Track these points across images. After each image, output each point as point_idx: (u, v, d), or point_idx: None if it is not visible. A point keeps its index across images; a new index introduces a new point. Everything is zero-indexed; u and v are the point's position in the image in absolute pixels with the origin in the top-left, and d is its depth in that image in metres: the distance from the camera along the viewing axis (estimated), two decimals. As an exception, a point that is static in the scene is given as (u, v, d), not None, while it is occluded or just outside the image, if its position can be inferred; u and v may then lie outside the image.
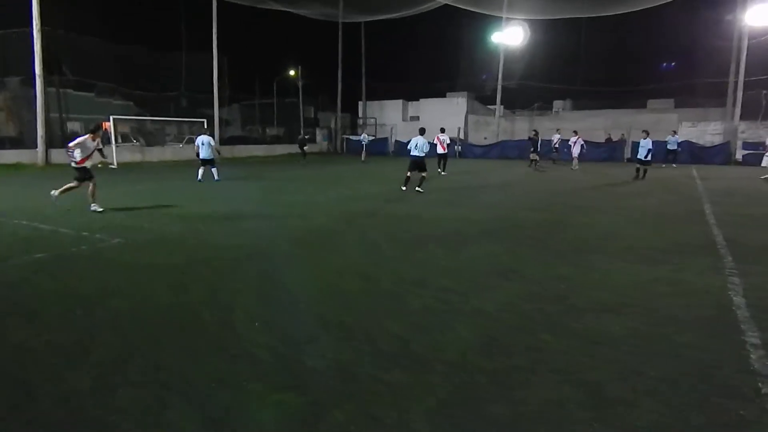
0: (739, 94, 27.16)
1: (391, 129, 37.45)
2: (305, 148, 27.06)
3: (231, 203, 10.82)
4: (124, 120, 29.00)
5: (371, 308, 4.31)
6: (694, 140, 27.92)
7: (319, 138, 41.46)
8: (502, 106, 38.03)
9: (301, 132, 31.76)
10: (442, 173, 17.83)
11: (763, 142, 22.15)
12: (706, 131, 28.68)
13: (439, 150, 17.75)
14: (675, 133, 25.83)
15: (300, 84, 42.18)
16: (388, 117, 40.96)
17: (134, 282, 5.11)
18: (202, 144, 15.21)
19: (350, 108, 44.19)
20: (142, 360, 3.39)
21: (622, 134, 29.05)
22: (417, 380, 3.09)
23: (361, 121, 43.35)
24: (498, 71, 34.40)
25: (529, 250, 6.45)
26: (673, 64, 44.59)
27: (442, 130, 18.30)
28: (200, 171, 15.34)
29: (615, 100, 38.50)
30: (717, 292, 4.73)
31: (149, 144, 28.67)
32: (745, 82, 27.01)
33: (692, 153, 26.86)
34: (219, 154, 15.00)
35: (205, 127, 24.16)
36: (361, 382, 3.08)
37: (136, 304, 4.46)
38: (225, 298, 4.60)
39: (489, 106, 41.50)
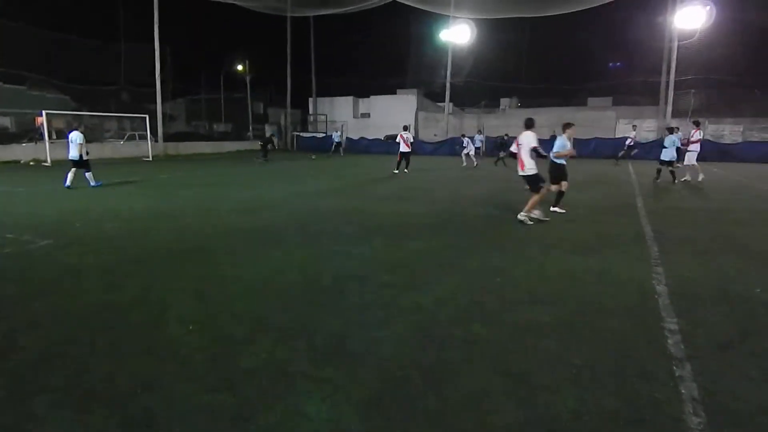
0: (671, 93, 28.69)
1: (342, 126, 37.29)
2: (268, 146, 25.27)
3: (173, 201, 10.48)
4: (59, 115, 27.50)
5: (309, 305, 4.28)
6: (630, 136, 29.27)
7: (268, 134, 40.78)
8: (451, 104, 38.53)
9: (251, 128, 30.34)
10: (405, 171, 17.63)
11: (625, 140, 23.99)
12: (641, 128, 30.14)
13: (403, 148, 17.60)
14: (634, 128, 26.63)
15: (248, 79, 41.34)
16: (339, 113, 40.80)
17: (61, 283, 4.86)
18: (71, 142, 12.46)
19: (301, 104, 43.69)
20: (63, 364, 3.23)
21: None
22: (350, 377, 3.09)
23: (311, 118, 42.95)
24: (446, 69, 34.84)
25: (470, 244, 6.58)
26: (619, 63, 46.19)
27: (405, 128, 18.18)
28: (69, 175, 12.37)
29: (558, 98, 39.91)
30: (642, 281, 4.98)
31: (87, 141, 27.27)
32: (675, 82, 28.58)
33: (624, 147, 28.15)
34: (87, 154, 12.54)
35: (147, 124, 23.24)
36: (293, 380, 3.05)
37: (61, 305, 4.24)
38: (157, 297, 4.45)
39: (438, 104, 42.00)
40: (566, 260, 5.76)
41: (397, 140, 17.92)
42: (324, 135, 38.78)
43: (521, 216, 8.04)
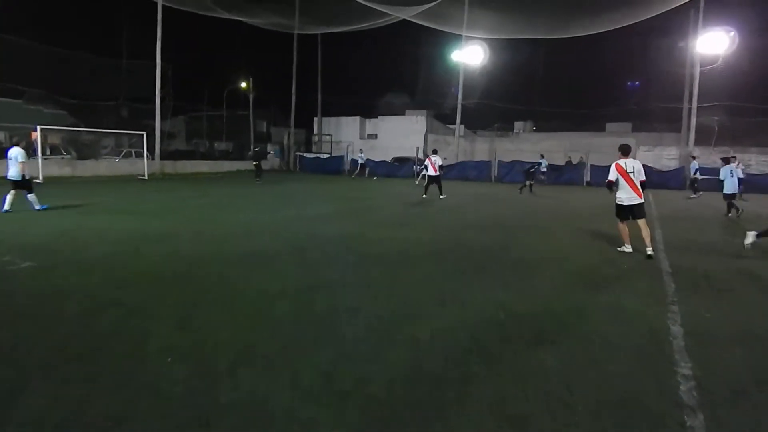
0: (693, 120, 28.76)
1: (348, 147, 37.62)
2: (261, 163, 25.65)
3: (166, 221, 10.54)
4: (55, 130, 27.98)
5: (299, 336, 4.24)
6: (650, 164, 29.25)
7: (270, 154, 41.18)
8: (462, 126, 38.86)
9: (252, 146, 29.89)
10: (441, 196, 17.68)
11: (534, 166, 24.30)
12: (663, 156, 30.19)
13: (430, 171, 17.75)
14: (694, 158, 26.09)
15: (251, 96, 41.98)
16: (345, 134, 41.27)
17: (39, 308, 4.86)
18: (10, 159, 11.55)
19: (305, 123, 44.29)
20: (33, 395, 3.20)
21: (581, 157, 30.15)
22: (334, 415, 3.04)
23: (316, 138, 43.41)
24: (458, 90, 35.19)
25: (472, 274, 6.54)
26: (637, 83, 46.52)
27: (435, 152, 18.55)
28: (8, 197, 11.47)
29: (574, 122, 40.14)
30: (655, 320, 4.90)
31: (82, 157, 27.68)
32: (698, 108, 28.68)
33: (648, 177, 28.14)
34: (30, 178, 11.83)
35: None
36: (274, 418, 3.00)
37: (36, 331, 4.23)
38: (140, 325, 4.43)
39: (449, 126, 42.39)
40: (575, 295, 5.70)
41: (426, 164, 18.35)
42: (328, 156, 39.13)
43: (650, 251, 7.91)
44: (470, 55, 34.55)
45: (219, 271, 6.41)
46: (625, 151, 8.27)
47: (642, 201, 8.16)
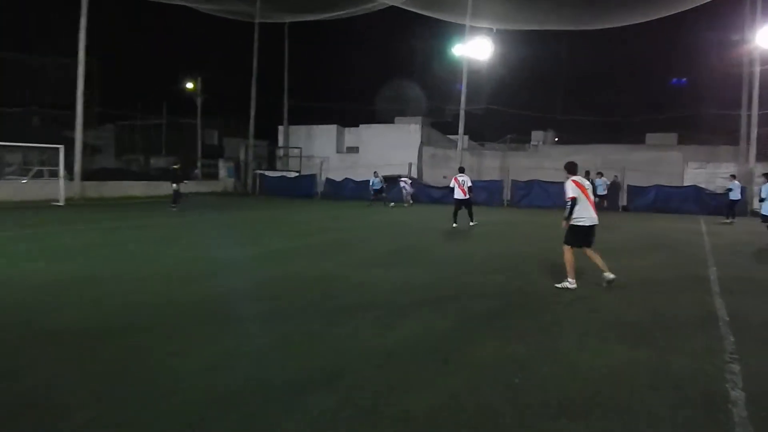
0: (754, 130, 29.38)
1: (321, 163, 37.87)
2: (174, 186, 23.73)
3: (88, 263, 10.48)
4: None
5: (260, 413, 4.21)
6: (702, 185, 29.79)
7: (222, 172, 41.22)
8: (466, 137, 39.24)
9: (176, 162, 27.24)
10: (471, 223, 18.49)
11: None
12: (717, 174, 30.70)
13: (458, 194, 18.58)
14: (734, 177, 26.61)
15: (200, 100, 42.20)
16: (318, 147, 41.52)
17: None
18: None
19: (268, 134, 44.58)
20: None
21: (615, 176, 30.64)
22: None
23: (281, 152, 43.59)
24: (460, 93, 35.63)
25: (482, 327, 6.57)
26: (684, 80, 47.30)
27: (462, 171, 19.32)
28: None
29: (605, 133, 40.85)
30: (710, 385, 4.95)
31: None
32: (759, 116, 29.29)
33: (700, 201, 28.56)
34: None
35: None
36: None
37: None
38: (56, 397, 4.37)
39: (450, 137, 42.85)
40: (609, 352, 5.74)
41: (451, 185, 19.01)
42: (297, 174, 39.28)
43: (611, 275, 9.00)
44: (476, 49, 35.13)
45: (159, 325, 6.35)
46: (571, 170, 9.16)
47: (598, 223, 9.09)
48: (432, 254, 12.65)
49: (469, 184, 18.91)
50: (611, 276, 8.96)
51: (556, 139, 48.16)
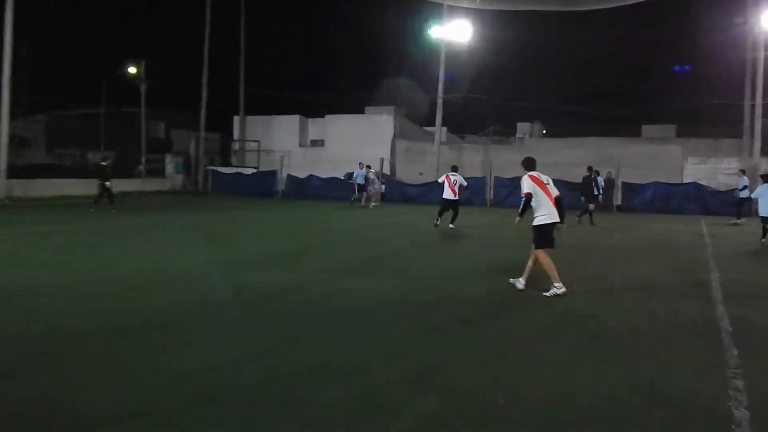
0: (758, 121, 29.90)
1: (282, 158, 37.66)
2: (107, 184, 23.09)
3: (19, 270, 10.28)
4: None
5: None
6: (702, 181, 30.27)
7: (169, 168, 40.74)
8: (444, 129, 39.34)
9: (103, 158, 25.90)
10: (451, 226, 18.77)
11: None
12: (719, 170, 31.24)
13: (447, 194, 18.99)
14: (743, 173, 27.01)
15: (143, 87, 41.60)
16: (279, 140, 41.26)
17: None
18: None
19: (221, 125, 44.15)
20: None
21: (609, 173, 30.99)
22: None
23: (236, 146, 43.28)
24: (438, 80, 35.70)
25: (462, 342, 6.56)
26: (687, 68, 47.62)
27: (454, 169, 19.69)
28: None
29: (599, 125, 41.26)
30: (713, 403, 5.00)
31: None
32: (763, 106, 29.80)
33: (701, 199, 29.01)
34: None
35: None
36: None
37: None
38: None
39: (426, 128, 42.95)
40: (602, 369, 5.77)
41: (440, 180, 19.56)
42: (255, 171, 39.03)
43: (523, 282, 9.30)
44: (455, 31, 35.21)
45: (90, 346, 6.21)
46: (531, 164, 9.51)
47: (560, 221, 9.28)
48: (408, 261, 12.66)
49: (464, 183, 19.36)
50: (521, 286, 9.30)
51: (544, 132, 48.54)
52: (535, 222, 9.21)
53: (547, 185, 9.25)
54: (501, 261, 12.69)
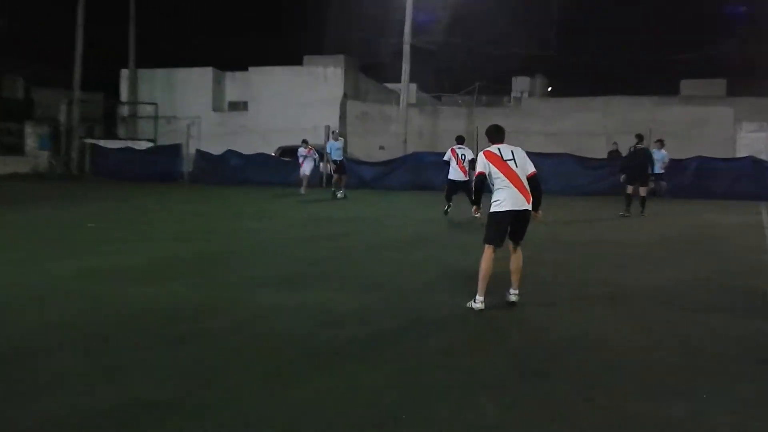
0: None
1: (189, 128, 37.30)
2: None
3: None
4: None
5: None
6: (762, 156, 30.67)
7: (30, 142, 40.02)
8: (414, 86, 39.33)
9: None
10: (448, 208, 20.02)
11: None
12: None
13: (456, 174, 20.03)
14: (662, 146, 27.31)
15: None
16: (184, 103, 40.91)
17: None
18: None
19: (104, 83, 43.62)
20: None
21: (635, 143, 31.26)
22: None
23: (125, 110, 42.75)
24: (404, 20, 35.64)
25: (431, 376, 6.52)
26: (742, 8, 47.60)
27: (460, 141, 20.50)
28: None
29: (622, 82, 41.66)
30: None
31: None
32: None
33: (760, 180, 29.28)
34: None
35: None
36: None
37: None
38: None
39: (388, 85, 42.87)
40: (623, 409, 5.81)
41: (446, 158, 20.43)
42: (151, 146, 38.59)
43: (514, 296, 9.29)
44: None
45: None
46: (493, 135, 9.65)
47: (529, 209, 9.31)
48: (358, 265, 12.63)
49: (471, 156, 19.67)
50: (514, 298, 9.37)
51: (549, 90, 48.91)
52: (492, 208, 9.31)
53: (509, 161, 9.29)
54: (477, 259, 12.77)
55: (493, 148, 9.38)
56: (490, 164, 9.20)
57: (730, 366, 7.10)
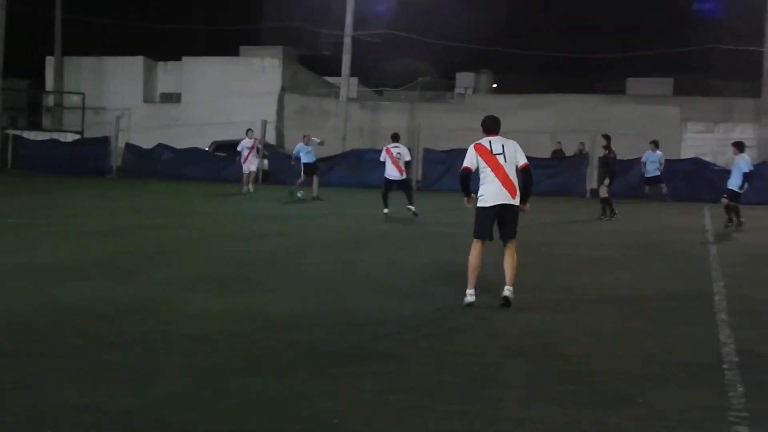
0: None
1: (118, 119, 36.86)
2: None
3: None
4: None
5: None
6: (707, 157, 31.10)
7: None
8: (355, 80, 39.26)
9: None
10: (410, 208, 20.19)
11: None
12: (728, 141, 32.14)
13: (391, 172, 20.32)
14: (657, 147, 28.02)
15: None
16: (114, 93, 40.60)
17: None
18: None
19: (27, 70, 42.93)
20: None
21: (581, 144, 31.55)
22: None
23: (51, 100, 42.14)
24: (346, 11, 35.57)
25: (373, 384, 6.47)
26: (709, 7, 47.71)
27: (396, 138, 20.76)
28: None
29: (570, 77, 42.02)
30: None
31: None
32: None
33: (704, 180, 29.70)
34: None
35: None
36: None
37: None
38: None
39: (329, 79, 42.77)
40: (566, 415, 5.79)
41: (382, 158, 20.66)
42: (78, 138, 38.04)
43: (509, 292, 9.31)
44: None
45: None
46: (488, 126, 9.85)
47: (516, 203, 9.55)
48: (300, 268, 12.53)
49: (407, 158, 20.32)
50: (507, 293, 9.32)
51: (495, 86, 49.11)
52: (478, 203, 9.45)
53: (498, 155, 9.42)
54: (431, 265, 12.76)
55: (485, 141, 9.54)
56: (478, 157, 9.42)
57: (677, 372, 7.15)
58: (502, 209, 9.36)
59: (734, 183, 19.27)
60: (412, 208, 19.89)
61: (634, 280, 11.95)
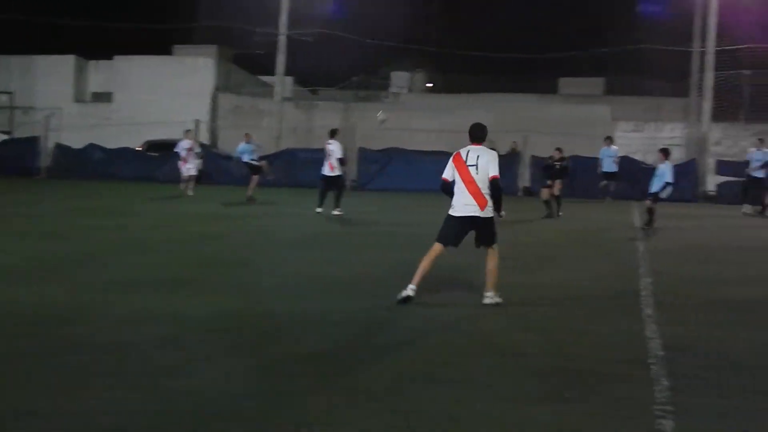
0: (709, 76, 31.46)
1: (47, 119, 36.37)
2: None
3: None
4: None
5: None
6: (637, 155, 31.61)
7: None
8: (289, 80, 39.15)
9: None
10: (337, 211, 20.33)
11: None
12: (658, 139, 32.67)
13: (326, 170, 20.27)
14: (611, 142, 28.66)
15: None
16: (43, 92, 40.04)
17: None
18: None
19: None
20: None
21: (514, 143, 31.88)
22: None
23: (-21, 100, 41.45)
24: (281, 8, 35.44)
25: (300, 383, 6.50)
26: (660, 7, 47.94)
27: (333, 134, 20.99)
28: None
29: (503, 77, 42.20)
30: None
31: None
32: (717, 56, 31.33)
33: (635, 179, 30.09)
34: None
35: None
36: None
37: None
38: None
39: (263, 78, 42.55)
40: (495, 414, 5.91)
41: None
42: (7, 138, 37.49)
43: (489, 298, 9.65)
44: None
45: None
46: (474, 134, 10.09)
47: (486, 215, 9.73)
48: (237, 269, 12.53)
49: (338, 155, 20.37)
50: (492, 300, 9.60)
51: (429, 85, 49.25)
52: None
53: (471, 167, 9.64)
54: (373, 265, 12.89)
55: (463, 151, 9.80)
56: (454, 167, 9.73)
57: (603, 367, 7.32)
58: (472, 221, 9.60)
59: (657, 187, 19.73)
60: (336, 212, 20.09)
61: (564, 279, 12.19)
